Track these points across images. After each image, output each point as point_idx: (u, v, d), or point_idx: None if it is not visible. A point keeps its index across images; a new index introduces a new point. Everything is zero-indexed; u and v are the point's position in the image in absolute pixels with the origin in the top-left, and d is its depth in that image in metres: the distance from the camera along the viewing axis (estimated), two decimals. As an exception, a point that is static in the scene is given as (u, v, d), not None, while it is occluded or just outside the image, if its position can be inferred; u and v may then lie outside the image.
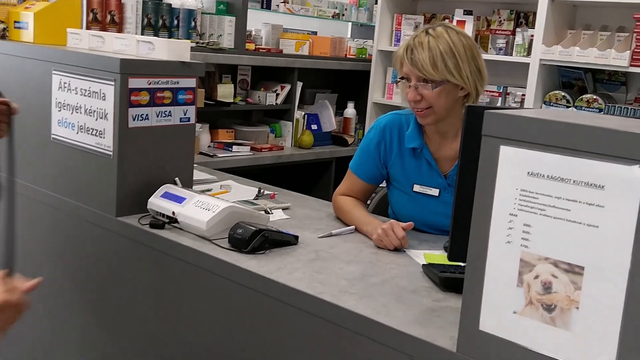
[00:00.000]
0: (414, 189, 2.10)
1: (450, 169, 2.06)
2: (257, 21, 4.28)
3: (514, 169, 1.13)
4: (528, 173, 1.12)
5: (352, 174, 2.20)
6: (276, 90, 4.10)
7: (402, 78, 2.01)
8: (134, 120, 1.94)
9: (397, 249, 1.87)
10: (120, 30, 3.20)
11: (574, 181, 1.07)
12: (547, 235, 1.11)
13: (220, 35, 3.69)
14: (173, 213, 1.90)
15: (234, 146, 3.70)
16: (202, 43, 3.56)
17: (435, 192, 2.08)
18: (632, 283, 1.02)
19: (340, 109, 4.64)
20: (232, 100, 3.83)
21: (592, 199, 1.05)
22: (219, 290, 1.72)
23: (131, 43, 2.12)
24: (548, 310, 1.12)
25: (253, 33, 4.14)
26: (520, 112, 1.18)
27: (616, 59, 3.41)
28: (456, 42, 1.93)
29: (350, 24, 5.16)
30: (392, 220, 1.94)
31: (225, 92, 3.78)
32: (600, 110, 3.58)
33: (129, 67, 1.92)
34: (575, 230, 1.07)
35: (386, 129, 2.13)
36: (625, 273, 1.03)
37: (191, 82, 2.09)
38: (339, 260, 1.75)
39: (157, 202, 1.95)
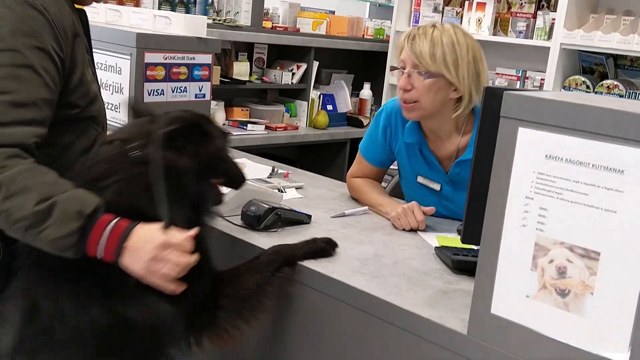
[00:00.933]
0: (418, 180, 2.07)
1: (451, 166, 2.01)
2: (275, -1, 4.25)
3: (532, 151, 1.12)
4: (546, 156, 1.10)
5: (361, 156, 2.18)
6: (292, 69, 4.08)
7: (399, 67, 1.95)
8: (149, 95, 1.94)
9: (412, 230, 1.86)
10: (137, 5, 3.19)
11: (592, 165, 1.05)
12: (563, 219, 1.09)
13: (237, 12, 3.66)
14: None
15: (248, 125, 3.68)
16: (219, 20, 3.54)
17: (437, 186, 2.04)
18: (648, 270, 1.01)
19: (356, 89, 4.61)
20: (247, 79, 3.81)
21: (611, 184, 1.03)
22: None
23: (148, 17, 2.12)
24: (562, 295, 1.10)
25: (270, 11, 4.11)
26: (539, 94, 1.16)
27: (639, 44, 3.35)
28: (461, 40, 1.87)
29: (368, 3, 5.11)
30: (413, 202, 1.93)
31: (241, 70, 3.76)
32: (621, 96, 3.53)
33: (145, 42, 1.92)
34: (593, 215, 1.06)
35: (392, 115, 2.08)
36: (642, 259, 1.01)
37: (207, 59, 2.08)
38: (352, 240, 1.74)
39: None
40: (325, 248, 1.62)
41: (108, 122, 2.00)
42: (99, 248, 1.20)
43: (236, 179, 1.54)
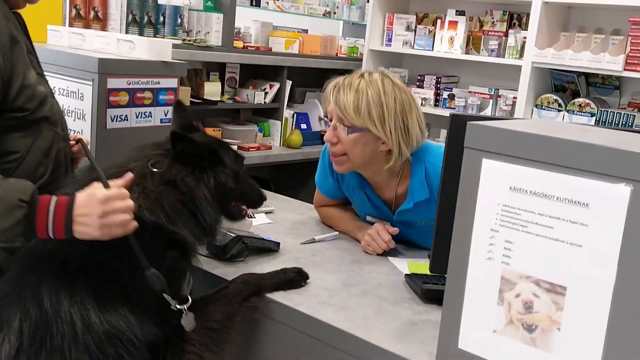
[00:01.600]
0: (367, 219, 2.00)
1: (395, 214, 1.92)
2: (247, 18, 4.23)
3: (496, 183, 1.09)
4: (510, 188, 1.08)
5: (318, 189, 2.11)
6: (265, 88, 4.05)
7: (326, 116, 1.88)
8: (112, 121, 1.90)
9: (384, 254, 1.84)
10: (104, 27, 3.14)
11: (557, 198, 1.03)
12: (528, 252, 1.07)
13: (208, 32, 3.63)
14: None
15: (221, 145, 3.64)
16: (189, 40, 3.50)
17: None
18: (615, 305, 0.98)
19: (330, 108, 4.59)
20: (219, 99, 3.78)
21: (576, 217, 1.01)
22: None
23: (112, 42, 2.08)
24: (529, 330, 1.08)
25: (242, 30, 4.08)
26: (504, 124, 1.14)
27: (610, 62, 3.37)
28: (389, 92, 1.76)
29: (341, 22, 5.11)
30: (376, 224, 1.89)
31: (212, 90, 3.72)
32: (593, 114, 3.55)
33: (108, 67, 1.88)
34: (558, 248, 1.03)
35: (330, 162, 1.96)
36: (609, 295, 0.99)
37: (173, 82, 2.04)
38: (320, 269, 1.70)
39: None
40: (294, 279, 1.58)
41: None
42: (49, 228, 1.21)
43: (253, 201, 1.58)
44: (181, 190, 1.35)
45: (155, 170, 1.35)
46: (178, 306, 1.31)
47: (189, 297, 1.36)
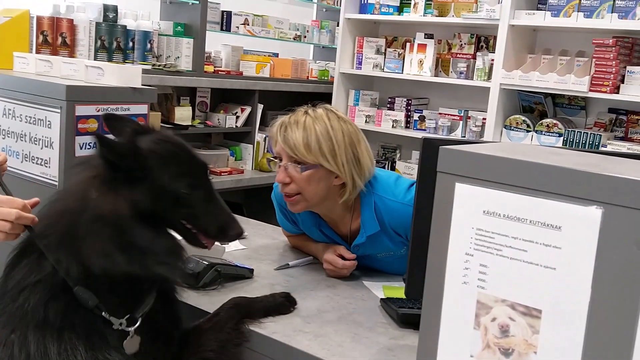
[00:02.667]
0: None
1: (352, 248, 1.89)
2: (217, 43, 4.23)
3: (470, 207, 1.09)
4: (484, 212, 1.08)
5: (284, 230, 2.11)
6: (236, 112, 4.04)
7: (275, 157, 1.84)
8: (81, 149, 1.87)
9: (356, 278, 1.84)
10: (72, 53, 3.11)
11: (530, 221, 1.03)
12: (503, 276, 1.07)
13: (178, 57, 3.62)
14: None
15: (192, 170, 3.61)
16: (159, 65, 3.49)
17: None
18: (590, 327, 0.98)
19: (302, 131, 4.59)
20: (190, 123, 3.76)
21: (548, 240, 1.01)
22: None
23: (80, 68, 2.05)
24: (505, 354, 1.07)
25: (212, 55, 4.08)
26: (476, 147, 1.14)
27: (575, 84, 3.44)
28: (335, 126, 1.75)
29: (312, 46, 5.14)
30: (330, 254, 1.85)
31: (183, 114, 3.70)
32: (560, 134, 3.60)
33: (76, 94, 1.85)
34: (532, 271, 1.03)
35: (282, 204, 1.94)
36: (584, 317, 0.99)
37: (143, 109, 2.02)
38: (295, 295, 1.67)
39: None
40: (283, 303, 1.57)
41: (37, 177, 1.92)
42: None
43: (209, 231, 1.35)
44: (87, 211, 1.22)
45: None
46: (122, 327, 1.25)
47: (139, 318, 1.29)
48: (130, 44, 3.36)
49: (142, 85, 2.05)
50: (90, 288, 1.23)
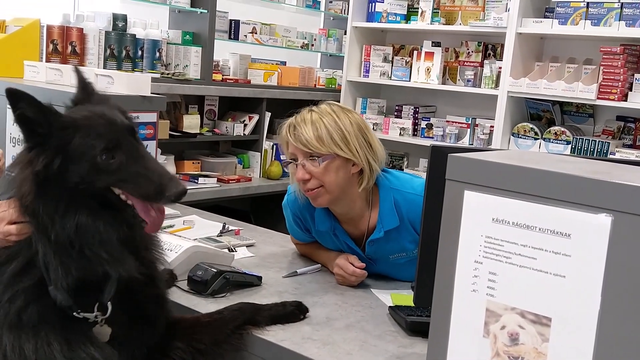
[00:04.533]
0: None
1: (366, 246, 1.91)
2: (225, 51, 4.25)
3: (479, 214, 1.09)
4: (493, 219, 1.08)
5: (294, 239, 2.10)
6: (244, 120, 4.06)
7: (290, 160, 1.85)
8: (91, 156, 1.87)
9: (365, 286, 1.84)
10: (81, 62, 3.13)
11: (539, 229, 1.03)
12: (513, 284, 1.07)
13: (187, 65, 3.64)
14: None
15: (200, 178, 3.63)
16: (168, 74, 3.51)
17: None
18: (600, 335, 0.98)
19: (309, 139, 4.60)
20: (198, 131, 3.77)
21: (558, 248, 1.01)
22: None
23: (90, 77, 2.06)
24: (515, 362, 1.07)
25: (221, 63, 4.10)
26: (485, 155, 1.14)
27: (583, 91, 3.43)
28: (341, 116, 1.80)
29: (319, 54, 5.16)
30: (339, 259, 1.87)
31: (191, 122, 3.72)
32: (568, 142, 3.60)
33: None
34: (542, 279, 1.03)
35: (296, 210, 1.98)
36: (594, 325, 0.99)
37: (152, 117, 2.03)
38: (303, 303, 1.68)
39: (115, 242, 1.87)
40: (293, 312, 1.57)
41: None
42: None
43: (144, 189, 1.21)
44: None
45: None
46: (97, 318, 1.25)
47: (109, 306, 1.26)
48: (140, 52, 3.38)
49: (151, 93, 2.06)
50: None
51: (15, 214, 1.25)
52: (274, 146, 4.23)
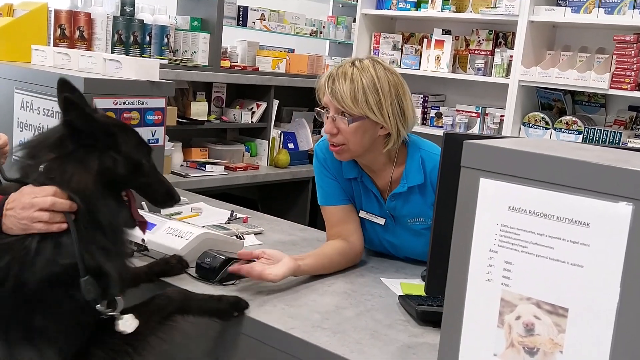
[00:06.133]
0: (360, 215, 1.98)
1: (387, 199, 1.92)
2: (233, 38, 4.22)
3: (495, 202, 1.07)
4: (509, 207, 1.05)
5: (325, 208, 2.01)
6: (252, 108, 4.03)
7: (322, 108, 1.87)
8: (98, 141, 1.86)
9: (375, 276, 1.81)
10: (89, 47, 3.11)
11: (557, 217, 1.01)
12: (529, 273, 1.04)
13: (195, 52, 3.61)
14: (143, 241, 1.81)
15: (207, 165, 3.61)
16: (176, 60, 3.48)
17: (381, 220, 1.95)
18: (619, 327, 0.96)
19: (317, 127, 4.58)
20: (206, 118, 3.75)
21: (576, 237, 0.99)
22: (186, 323, 1.63)
23: (98, 61, 2.04)
24: (530, 353, 1.05)
25: (229, 50, 4.07)
26: (501, 142, 1.12)
27: (596, 81, 3.39)
28: (382, 77, 1.78)
29: (328, 41, 5.12)
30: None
31: (199, 110, 3.70)
32: (580, 132, 3.56)
33: (94, 87, 1.84)
34: (559, 269, 1.01)
35: (326, 156, 1.98)
36: (612, 316, 0.97)
37: (160, 102, 2.01)
38: (312, 291, 1.67)
39: (124, 229, 1.86)
40: (226, 310, 1.49)
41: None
42: None
43: (158, 197, 1.44)
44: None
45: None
46: (112, 313, 1.27)
47: (116, 299, 1.29)
48: (147, 38, 3.36)
49: (159, 79, 2.04)
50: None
51: (51, 201, 1.23)
52: (282, 134, 4.21)
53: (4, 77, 2.09)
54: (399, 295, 1.66)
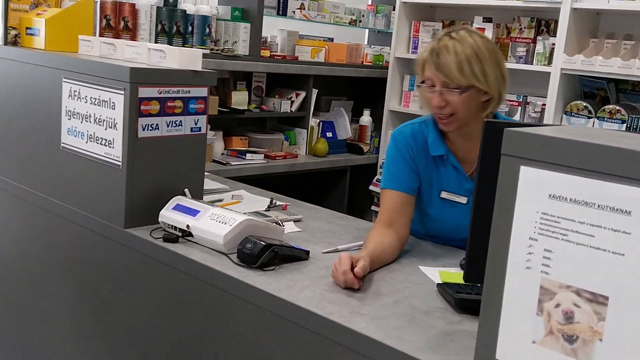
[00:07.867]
0: (442, 196, 2.00)
1: (475, 175, 1.95)
2: (273, 27, 4.24)
3: (535, 190, 1.07)
4: (549, 195, 1.06)
5: (387, 191, 1.98)
6: (291, 97, 4.06)
7: (422, 82, 1.93)
8: (143, 130, 1.91)
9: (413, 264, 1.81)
10: (133, 37, 3.17)
11: (598, 205, 1.00)
12: (569, 261, 1.05)
13: (235, 41, 3.65)
14: (187, 226, 1.85)
15: (247, 154, 3.65)
16: (217, 50, 3.52)
17: (463, 199, 1.99)
18: (660, 316, 0.96)
19: (356, 116, 4.59)
20: (246, 108, 3.79)
21: (617, 225, 0.99)
22: (228, 307, 1.67)
23: (142, 51, 2.09)
24: (569, 341, 1.05)
25: (268, 39, 4.10)
26: (541, 130, 1.12)
27: (640, 69, 3.32)
28: (481, 46, 1.87)
29: (367, 30, 5.11)
30: (344, 254, 1.64)
31: (239, 99, 3.74)
32: (624, 121, 3.49)
33: (139, 76, 1.89)
34: (600, 257, 1.01)
35: (409, 140, 2.00)
36: (653, 305, 0.96)
37: (202, 92, 2.05)
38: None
39: (170, 215, 1.91)
40: None
41: (101, 157, 1.97)
42: None
43: None
44: None
45: None
46: None
47: None
48: (190, 28, 3.41)
49: (202, 68, 2.08)
50: None
51: None
52: (321, 123, 4.23)
53: (53, 67, 2.15)
54: (437, 283, 1.67)
